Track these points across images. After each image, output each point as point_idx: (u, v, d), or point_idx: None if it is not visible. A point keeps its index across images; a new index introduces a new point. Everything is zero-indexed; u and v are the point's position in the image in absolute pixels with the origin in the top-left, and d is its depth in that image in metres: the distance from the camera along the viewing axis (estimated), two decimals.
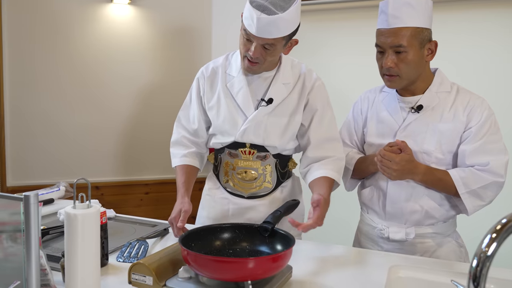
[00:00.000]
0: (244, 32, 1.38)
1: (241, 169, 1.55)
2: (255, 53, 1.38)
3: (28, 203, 0.89)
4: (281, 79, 1.50)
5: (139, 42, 2.91)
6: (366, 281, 1.10)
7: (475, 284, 0.70)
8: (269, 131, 1.50)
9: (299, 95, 1.52)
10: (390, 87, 1.46)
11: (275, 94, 1.49)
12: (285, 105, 1.50)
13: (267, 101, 1.48)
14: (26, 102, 2.74)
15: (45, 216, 1.70)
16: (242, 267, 0.94)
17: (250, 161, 1.53)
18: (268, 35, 1.33)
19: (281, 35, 1.35)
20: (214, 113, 1.55)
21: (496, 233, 0.70)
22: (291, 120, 1.51)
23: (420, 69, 1.40)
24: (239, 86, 1.51)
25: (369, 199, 1.52)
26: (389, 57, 1.37)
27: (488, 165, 1.34)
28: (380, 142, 1.47)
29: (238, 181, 1.56)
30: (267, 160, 1.54)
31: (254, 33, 1.34)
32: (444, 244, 1.44)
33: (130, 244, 1.29)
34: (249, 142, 1.52)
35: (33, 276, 0.90)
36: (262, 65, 1.43)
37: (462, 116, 1.39)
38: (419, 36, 1.35)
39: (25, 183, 2.72)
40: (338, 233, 2.84)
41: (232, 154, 1.56)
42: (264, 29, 1.32)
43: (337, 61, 2.89)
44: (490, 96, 2.44)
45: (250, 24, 1.33)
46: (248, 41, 1.39)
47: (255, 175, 1.54)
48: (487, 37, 2.49)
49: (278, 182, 1.58)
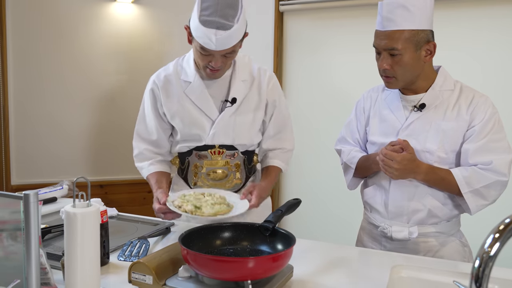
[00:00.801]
0: (201, 48, 1.38)
1: (210, 169, 1.57)
2: (217, 64, 1.40)
3: (28, 201, 0.89)
4: (238, 77, 1.53)
5: (143, 41, 2.91)
6: (368, 281, 1.09)
7: (477, 285, 0.69)
8: (238, 130, 1.53)
9: (258, 92, 1.57)
10: (388, 87, 1.45)
11: (237, 92, 1.52)
12: (247, 102, 1.55)
13: (231, 101, 1.50)
14: (30, 101, 2.75)
15: (48, 214, 1.70)
16: (242, 266, 0.94)
17: (219, 160, 1.56)
18: (228, 46, 1.36)
19: (239, 40, 1.39)
20: (178, 121, 1.55)
21: (499, 233, 0.69)
22: (255, 116, 1.57)
23: (416, 71, 1.38)
24: (198, 90, 1.51)
25: (371, 198, 1.51)
26: (384, 59, 1.36)
27: (492, 164, 1.32)
28: (382, 141, 1.45)
29: (208, 181, 1.58)
30: (236, 157, 1.58)
31: (214, 49, 1.35)
32: (448, 243, 1.42)
33: (131, 243, 1.29)
34: (219, 144, 1.55)
35: (33, 275, 0.90)
36: (225, 68, 1.47)
37: (466, 114, 1.37)
38: (414, 39, 1.32)
39: (29, 182, 2.73)
40: (341, 232, 2.84)
41: (201, 156, 1.57)
42: (223, 43, 1.34)
43: (337, 59, 2.88)
44: (497, 95, 2.43)
45: (207, 42, 1.34)
46: (205, 56, 1.40)
47: (224, 174, 1.57)
48: (506, 34, 2.46)
49: (246, 178, 1.64)
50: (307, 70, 2.98)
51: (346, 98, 2.62)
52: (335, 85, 2.90)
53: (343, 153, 1.60)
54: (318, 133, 2.87)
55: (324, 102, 2.91)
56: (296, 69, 3.02)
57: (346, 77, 2.86)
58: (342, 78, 2.87)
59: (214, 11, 1.31)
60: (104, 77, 2.86)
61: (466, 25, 2.52)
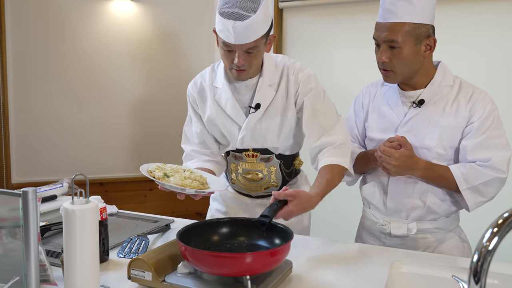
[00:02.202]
0: (223, 44, 1.36)
1: (246, 170, 1.57)
2: (240, 61, 1.35)
3: (27, 198, 0.89)
4: (265, 81, 1.47)
5: (142, 38, 2.90)
6: (367, 277, 1.09)
7: (475, 279, 0.69)
8: (265, 135, 1.50)
9: (286, 92, 1.49)
10: (386, 81, 1.44)
11: (261, 98, 1.47)
12: (274, 106, 1.48)
13: (255, 107, 1.47)
14: (30, 99, 2.75)
15: (48, 212, 1.71)
16: (239, 262, 0.94)
17: (255, 163, 1.55)
18: (247, 40, 1.31)
19: (259, 36, 1.33)
20: (210, 126, 1.57)
21: (497, 227, 0.69)
22: (284, 119, 1.49)
23: (415, 65, 1.37)
24: (225, 97, 1.49)
25: (370, 195, 1.51)
26: (383, 51, 1.36)
27: (490, 160, 1.31)
28: (381, 137, 1.45)
29: (245, 181, 1.59)
30: (271, 161, 1.55)
31: (233, 43, 1.32)
32: (447, 239, 1.42)
33: (131, 240, 1.29)
34: (250, 148, 1.53)
35: (32, 272, 0.90)
36: (249, 70, 1.41)
37: (464, 110, 1.36)
38: (415, 32, 1.32)
39: (30, 180, 2.73)
40: (340, 229, 2.83)
41: (237, 157, 1.58)
42: (242, 35, 1.30)
43: (337, 56, 2.88)
44: (500, 90, 2.42)
45: (227, 35, 1.32)
46: (229, 52, 1.37)
47: (260, 176, 1.56)
48: (509, 30, 2.46)
49: (284, 181, 1.59)
50: (306, 66, 2.98)
51: (346, 95, 2.62)
52: (335, 82, 2.90)
53: None
54: None
55: None
56: None
57: (346, 73, 2.86)
58: (342, 75, 2.87)
59: (234, 3, 1.31)
60: (104, 74, 2.86)
61: (469, 20, 2.52)
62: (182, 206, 2.96)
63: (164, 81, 2.97)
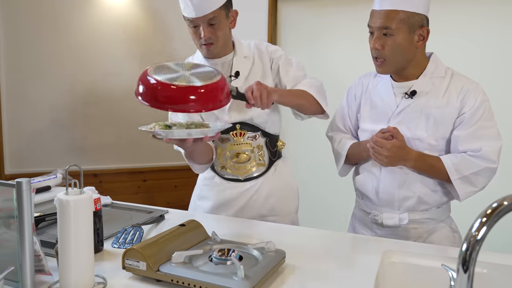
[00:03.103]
0: (189, 21, 1.50)
1: (234, 152, 1.62)
2: (206, 34, 1.49)
3: (21, 189, 0.90)
4: (240, 54, 1.62)
5: (138, 27, 2.88)
6: (359, 267, 1.11)
7: (464, 268, 0.71)
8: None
9: (261, 62, 1.64)
10: (378, 71, 1.45)
11: (239, 67, 1.60)
12: (253, 74, 1.61)
13: (235, 75, 1.59)
14: (23, 90, 2.73)
15: (42, 203, 1.71)
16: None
17: (242, 143, 1.61)
18: (206, 10, 1.45)
19: (217, 6, 1.46)
20: None
21: (486, 217, 0.70)
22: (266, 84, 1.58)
23: (408, 55, 1.38)
24: None
25: (363, 185, 1.53)
26: (376, 39, 1.36)
27: (481, 151, 1.33)
28: (373, 127, 1.46)
29: (233, 164, 1.62)
30: (258, 139, 1.63)
31: (194, 16, 1.46)
32: (438, 229, 1.44)
33: (125, 230, 1.30)
34: (237, 121, 1.58)
35: (27, 262, 0.91)
36: (217, 43, 1.53)
37: (456, 101, 1.38)
38: (409, 21, 1.33)
39: (23, 171, 2.72)
40: (333, 219, 2.86)
41: (224, 139, 1.62)
42: (200, 6, 1.44)
43: (332, 47, 2.88)
44: (495, 82, 2.43)
45: (189, 11, 1.46)
46: (196, 29, 1.50)
47: (248, 157, 1.62)
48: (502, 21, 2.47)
49: (270, 162, 1.67)
50: (302, 59, 2.96)
51: (341, 87, 2.62)
52: (331, 74, 2.90)
53: (334, 140, 1.61)
54: (312, 121, 2.88)
55: None
56: None
57: (341, 65, 2.86)
58: (337, 67, 2.87)
59: None
60: (98, 64, 2.84)
61: (463, 11, 2.53)
62: (176, 197, 2.98)
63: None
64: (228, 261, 1.01)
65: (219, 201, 1.66)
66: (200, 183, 1.74)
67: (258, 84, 1.38)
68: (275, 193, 1.67)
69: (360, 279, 1.03)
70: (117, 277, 1.02)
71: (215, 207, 1.67)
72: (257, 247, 1.09)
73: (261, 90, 1.37)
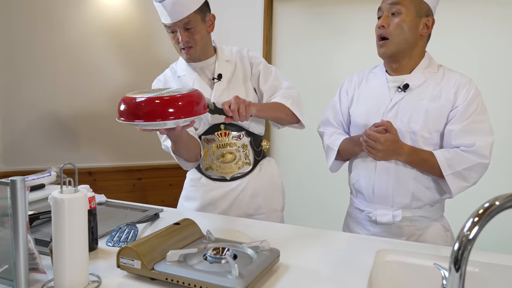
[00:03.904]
0: (166, 27, 1.55)
1: (219, 152, 1.64)
2: (183, 38, 1.53)
3: (15, 187, 0.89)
4: (222, 58, 1.66)
5: (132, 25, 2.88)
6: (353, 265, 1.11)
7: (456, 267, 0.71)
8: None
9: (243, 66, 1.68)
10: (380, 52, 1.46)
11: (222, 70, 1.63)
12: (236, 77, 1.65)
13: (217, 77, 1.62)
14: (17, 88, 2.71)
15: (36, 201, 1.70)
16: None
17: (227, 143, 1.64)
18: (181, 15, 1.49)
19: (191, 11, 1.50)
20: None
21: (478, 217, 0.71)
22: (247, 88, 1.66)
23: (410, 37, 1.40)
24: (191, 78, 1.64)
25: (357, 182, 1.54)
26: (384, 18, 1.41)
27: (474, 146, 1.34)
28: (367, 122, 1.48)
29: (219, 164, 1.65)
30: (242, 139, 1.65)
31: (170, 21, 1.50)
32: (430, 227, 1.46)
33: (120, 229, 1.30)
34: (222, 122, 1.61)
35: (21, 260, 0.91)
36: (196, 46, 1.57)
37: (449, 94, 1.39)
38: (418, 5, 1.39)
39: (17, 169, 2.71)
40: (328, 218, 2.87)
41: (209, 140, 1.65)
42: (174, 11, 1.48)
43: (328, 47, 2.88)
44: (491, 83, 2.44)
45: (165, 17, 1.51)
46: (174, 34, 1.55)
47: (233, 156, 1.65)
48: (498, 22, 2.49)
49: (255, 161, 1.70)
50: (297, 58, 2.98)
51: (336, 86, 2.65)
52: (325, 73, 2.91)
53: (326, 135, 1.62)
54: (307, 121, 2.88)
55: (314, 90, 2.91)
56: (286, 57, 3.01)
57: (336, 64, 2.87)
58: (333, 66, 2.88)
59: None
60: (93, 62, 2.83)
61: (460, 11, 2.55)
62: (171, 196, 2.97)
63: (153, 68, 2.95)
64: (222, 259, 1.01)
65: (206, 201, 1.69)
66: (187, 185, 1.77)
67: (236, 98, 1.40)
68: (261, 192, 1.70)
69: (353, 278, 1.04)
70: (111, 275, 1.03)
71: (201, 207, 1.70)
72: (252, 246, 1.09)
73: (239, 103, 1.39)
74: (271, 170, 1.76)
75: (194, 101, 1.22)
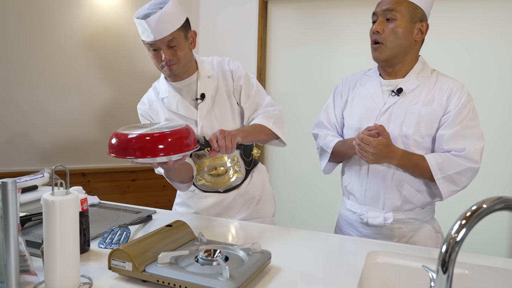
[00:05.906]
0: (149, 45, 1.50)
1: (211, 166, 1.64)
2: (166, 56, 1.48)
3: (6, 189, 0.89)
4: (203, 74, 1.62)
5: (121, 27, 2.87)
6: (344, 267, 1.12)
7: (443, 269, 0.72)
8: (221, 121, 1.61)
9: (225, 80, 1.64)
10: (375, 57, 1.47)
11: (204, 88, 1.60)
12: (219, 94, 1.62)
13: (201, 97, 1.59)
14: (11, 89, 2.70)
15: (28, 202, 1.70)
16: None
17: (217, 157, 1.63)
18: (165, 33, 1.44)
19: (175, 28, 1.46)
20: None
21: (465, 219, 0.72)
22: (232, 104, 1.64)
23: (405, 42, 1.42)
24: (175, 100, 1.61)
25: (349, 184, 1.55)
26: (378, 23, 1.42)
27: (464, 151, 1.36)
28: (360, 125, 1.49)
29: (212, 178, 1.66)
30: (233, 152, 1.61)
31: (153, 39, 1.45)
32: (421, 229, 1.47)
33: (112, 231, 1.30)
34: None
35: (12, 262, 0.91)
36: (179, 63, 1.52)
37: (442, 99, 1.41)
38: (412, 11, 1.40)
39: (10, 170, 2.70)
40: (321, 220, 2.88)
41: (200, 156, 1.65)
42: (158, 29, 1.43)
43: (323, 50, 2.89)
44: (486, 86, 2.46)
45: (147, 34, 1.45)
46: (156, 52, 1.50)
47: (224, 169, 1.65)
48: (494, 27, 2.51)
49: (246, 172, 1.71)
50: (292, 61, 2.99)
51: (330, 88, 2.66)
52: (319, 75, 2.92)
53: (320, 137, 1.63)
54: (301, 123, 2.90)
55: (309, 93, 2.93)
56: (281, 60, 3.02)
57: (330, 67, 2.88)
58: (326, 68, 2.89)
59: (145, 8, 1.46)
60: (86, 65, 2.83)
61: (454, 15, 2.57)
62: (165, 197, 2.97)
63: (147, 70, 2.95)
64: (214, 261, 1.01)
65: (200, 208, 1.70)
66: (181, 193, 1.78)
67: (222, 132, 1.34)
68: (253, 199, 1.73)
69: (344, 279, 1.04)
70: (103, 277, 1.03)
71: (195, 213, 1.71)
72: (243, 248, 1.10)
73: (225, 138, 1.34)
74: (262, 177, 1.78)
75: (184, 136, 1.22)
